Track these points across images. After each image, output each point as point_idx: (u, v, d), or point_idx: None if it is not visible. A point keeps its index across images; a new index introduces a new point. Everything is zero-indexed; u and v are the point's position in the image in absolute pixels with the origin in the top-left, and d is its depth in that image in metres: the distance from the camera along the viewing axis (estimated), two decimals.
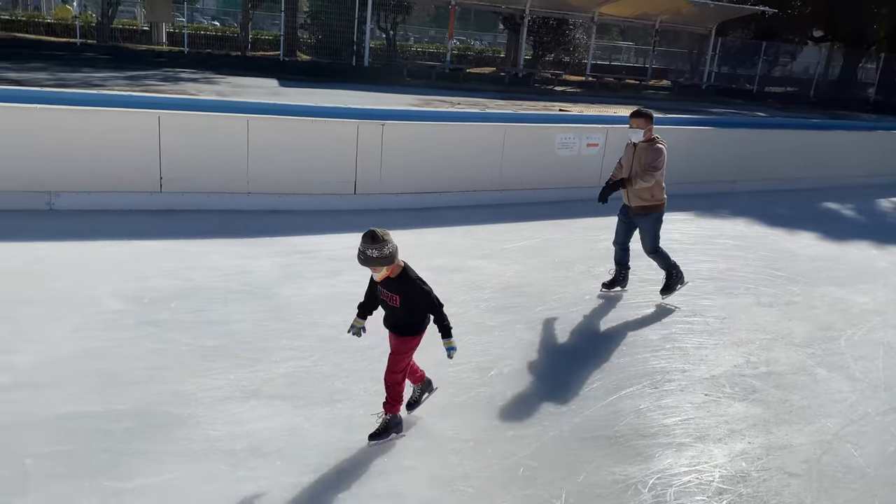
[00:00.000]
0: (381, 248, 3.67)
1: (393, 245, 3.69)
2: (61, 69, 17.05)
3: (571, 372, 5.04)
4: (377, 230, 3.71)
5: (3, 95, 8.56)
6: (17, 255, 6.23)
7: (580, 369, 5.09)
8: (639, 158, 6.08)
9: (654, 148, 6.04)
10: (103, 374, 4.34)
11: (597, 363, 5.20)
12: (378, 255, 3.67)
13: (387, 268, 3.75)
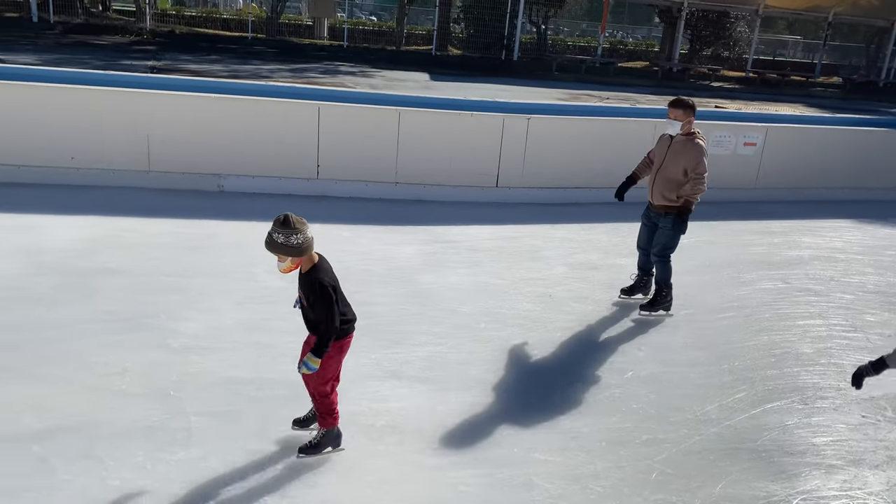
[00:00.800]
0: (288, 234, 3.33)
1: (305, 237, 3.35)
2: (234, 61, 18.44)
3: (712, 381, 4.85)
4: (293, 216, 3.40)
5: (182, 85, 9.40)
6: (191, 231, 6.85)
7: (722, 378, 4.89)
8: (674, 153, 5.44)
9: (692, 144, 5.38)
10: (259, 346, 4.71)
11: (741, 374, 4.97)
12: (283, 241, 3.33)
13: (291, 260, 3.40)
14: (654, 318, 5.77)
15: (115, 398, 3.95)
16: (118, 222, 6.80)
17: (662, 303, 5.78)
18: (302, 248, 3.35)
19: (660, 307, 5.78)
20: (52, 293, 5.21)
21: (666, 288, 5.77)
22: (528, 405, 4.37)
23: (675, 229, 5.53)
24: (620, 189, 5.86)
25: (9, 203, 7.01)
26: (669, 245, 5.64)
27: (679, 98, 5.52)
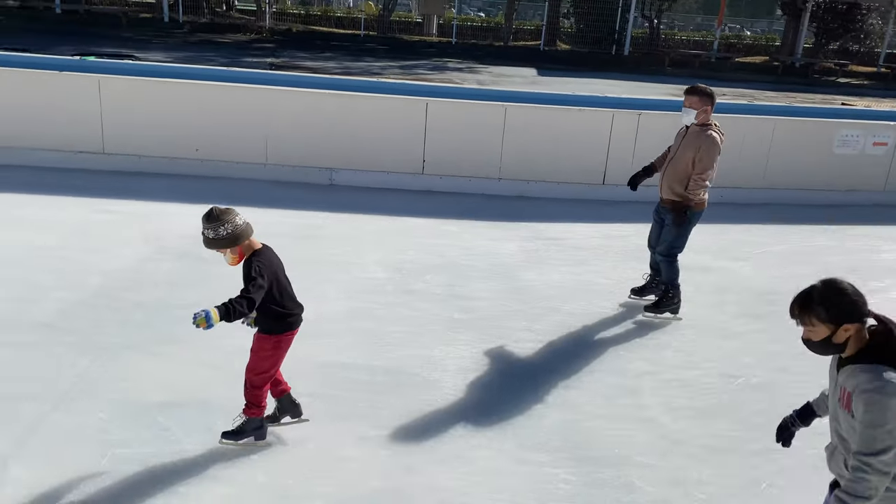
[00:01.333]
0: (216, 227, 3.23)
1: (233, 225, 3.23)
2: (347, 58, 19.00)
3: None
4: (217, 207, 3.28)
5: (298, 82, 9.78)
6: (303, 221, 7.13)
7: None
8: (686, 144, 5.11)
9: (704, 135, 5.01)
10: (365, 333, 4.86)
11: None
12: (213, 235, 3.23)
13: (230, 251, 3.28)
14: (765, 327, 5.50)
15: (232, 377, 4.16)
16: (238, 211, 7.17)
17: (669, 305, 5.45)
18: (233, 236, 3.25)
19: (666, 309, 5.46)
20: (176, 276, 5.57)
21: (672, 289, 5.42)
22: (630, 406, 4.28)
23: (680, 227, 5.20)
24: (634, 178, 5.55)
25: (138, 191, 7.54)
26: (675, 244, 5.30)
27: (695, 85, 5.18)
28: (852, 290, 2.27)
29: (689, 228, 5.25)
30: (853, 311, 2.24)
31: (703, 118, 5.04)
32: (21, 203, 6.91)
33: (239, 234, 3.26)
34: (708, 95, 5.02)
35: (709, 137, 4.99)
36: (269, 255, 3.41)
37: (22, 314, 4.71)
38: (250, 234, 3.33)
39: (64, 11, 22.14)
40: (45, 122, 8.13)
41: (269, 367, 3.53)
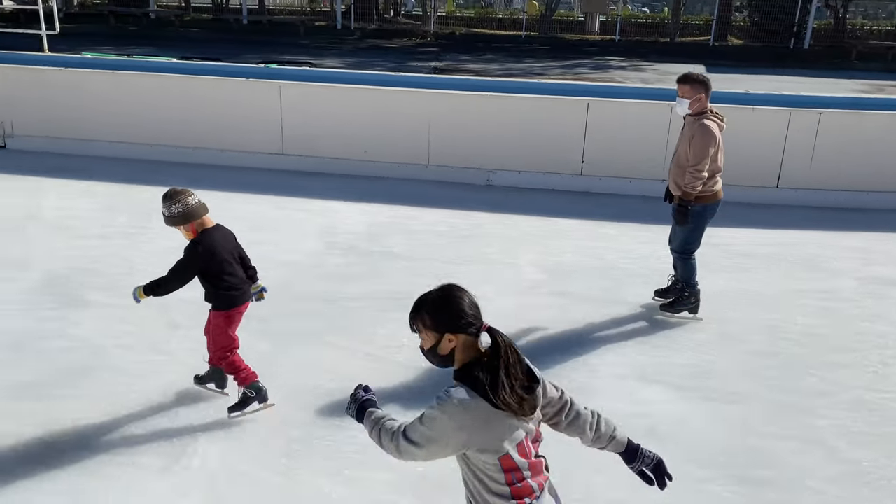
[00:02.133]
0: (169, 206, 3.53)
1: (184, 204, 3.53)
2: (508, 60, 19.15)
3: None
4: (174, 188, 3.61)
5: (459, 85, 10.01)
6: (462, 221, 7.31)
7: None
8: (684, 136, 4.85)
9: (699, 125, 4.72)
10: (521, 333, 4.90)
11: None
12: (166, 213, 3.55)
13: (184, 228, 3.59)
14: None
15: (394, 368, 4.39)
16: (401, 210, 7.50)
17: (685, 304, 5.21)
18: (183, 214, 3.54)
19: (682, 309, 5.22)
20: (345, 271, 5.92)
21: (689, 288, 5.18)
22: (801, 426, 4.01)
23: (693, 220, 4.92)
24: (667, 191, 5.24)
25: (311, 189, 8.07)
26: (689, 241, 5.06)
27: (687, 73, 4.89)
28: (466, 301, 2.15)
29: (702, 224, 5.02)
30: (457, 322, 2.09)
31: (696, 107, 4.80)
32: (216, 198, 7.62)
33: (189, 213, 3.57)
34: (700, 83, 4.77)
35: (702, 126, 4.74)
36: (215, 236, 3.68)
37: None
38: (202, 214, 3.63)
39: (250, 22, 24.08)
40: (233, 126, 8.93)
41: (228, 341, 3.81)
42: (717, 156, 4.84)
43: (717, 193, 4.96)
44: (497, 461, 2.03)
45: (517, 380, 2.06)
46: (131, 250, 6.08)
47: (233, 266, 3.76)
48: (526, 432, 2.10)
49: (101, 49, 12.13)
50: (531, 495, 2.09)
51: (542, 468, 2.17)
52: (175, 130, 9.01)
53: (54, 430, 3.68)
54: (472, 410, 2.00)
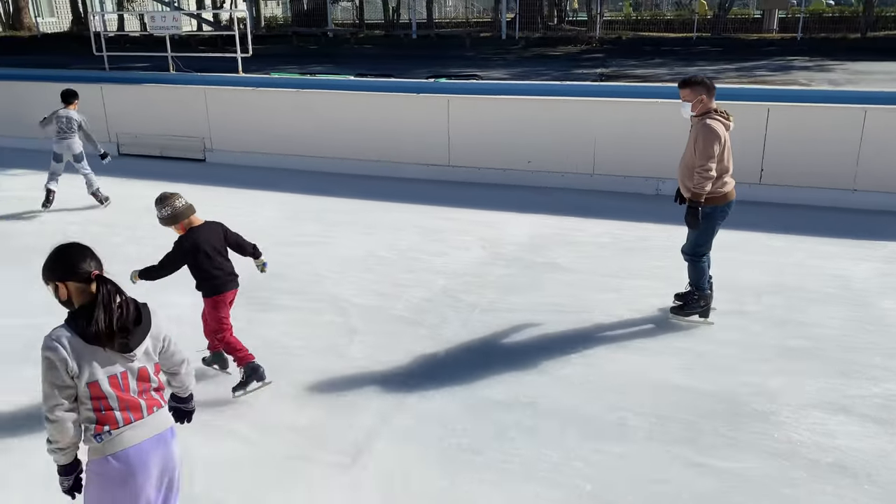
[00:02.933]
0: (160, 209, 4.11)
1: (172, 208, 4.09)
2: (678, 63, 18.45)
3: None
4: (164, 192, 4.17)
5: (624, 92, 9.79)
6: (627, 232, 7.16)
7: None
8: (691, 138, 4.87)
9: (702, 125, 4.74)
10: (693, 354, 4.72)
11: None
12: (158, 215, 4.13)
13: (174, 227, 4.15)
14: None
15: (560, 383, 4.39)
16: (565, 221, 7.48)
17: (695, 308, 5.14)
18: (172, 216, 4.13)
19: (693, 312, 5.15)
20: (507, 281, 5.99)
21: (698, 291, 5.11)
22: None
23: (702, 223, 4.88)
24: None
25: (474, 200, 8.25)
26: (698, 243, 5.02)
27: (686, 77, 4.94)
28: (74, 254, 2.52)
29: (712, 226, 4.96)
30: (63, 272, 2.48)
31: (699, 108, 4.84)
32: (389, 209, 8.04)
33: (177, 215, 4.14)
34: (699, 84, 4.81)
35: (704, 126, 4.75)
36: (200, 233, 4.20)
37: (387, 308, 5.51)
38: (189, 215, 4.18)
39: (419, 37, 25.00)
40: (404, 139, 9.36)
41: (218, 324, 4.27)
42: (724, 155, 4.81)
43: (728, 195, 4.92)
44: (86, 387, 2.40)
45: (116, 320, 2.42)
46: (316, 258, 6.53)
47: (216, 259, 4.23)
48: (127, 370, 2.47)
49: (287, 68, 13.14)
50: (113, 425, 2.43)
51: (141, 408, 2.49)
52: (353, 144, 9.59)
53: (248, 423, 4.04)
54: (67, 342, 2.37)
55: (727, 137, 4.80)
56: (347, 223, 7.58)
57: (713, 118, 4.79)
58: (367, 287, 5.88)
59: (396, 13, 32.83)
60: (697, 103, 4.84)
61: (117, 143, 10.95)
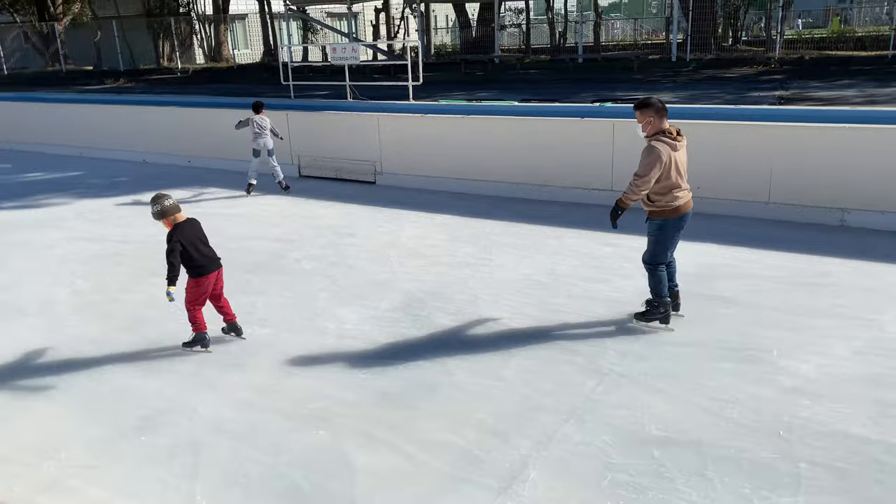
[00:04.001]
0: (152, 206, 5.10)
1: (161, 206, 5.06)
2: (870, 85, 16.93)
3: None
4: (158, 193, 5.19)
5: (806, 116, 9.11)
6: (806, 266, 6.64)
7: None
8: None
9: (648, 146, 5.03)
10: (881, 403, 4.28)
11: None
12: (151, 211, 5.11)
13: (163, 222, 5.11)
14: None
15: (725, 424, 4.15)
16: (737, 252, 7.08)
17: (656, 315, 5.45)
18: (160, 212, 5.09)
19: (654, 318, 5.47)
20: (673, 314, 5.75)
21: (658, 299, 5.40)
22: None
23: (656, 234, 5.29)
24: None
25: (638, 227, 7.91)
26: (656, 252, 5.34)
27: (638, 100, 5.18)
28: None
29: (664, 237, 5.27)
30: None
31: (649, 129, 5.09)
32: (548, 233, 8.03)
33: (164, 212, 5.10)
34: (647, 106, 5.05)
35: (648, 147, 5.03)
36: (185, 228, 5.14)
37: (543, 333, 5.49)
38: (174, 213, 5.12)
39: (585, 61, 24.85)
40: (568, 164, 9.33)
41: (194, 299, 5.23)
42: (672, 173, 5.03)
43: (679, 208, 5.16)
44: None
45: None
46: (474, 280, 6.65)
47: (201, 249, 5.18)
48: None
49: (454, 95, 13.55)
50: None
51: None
52: (516, 168, 9.71)
53: (408, 438, 4.18)
54: None
55: (674, 156, 5.03)
56: (506, 246, 7.66)
57: (659, 139, 5.04)
58: (522, 311, 5.90)
59: (563, 38, 32.88)
60: (647, 125, 5.09)
61: (298, 165, 11.82)
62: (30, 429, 4.45)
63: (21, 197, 11.06)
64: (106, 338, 5.72)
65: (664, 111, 5.08)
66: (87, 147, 14.63)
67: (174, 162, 13.22)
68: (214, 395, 4.75)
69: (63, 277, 7.17)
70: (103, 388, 4.92)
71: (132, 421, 4.45)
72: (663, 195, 5.09)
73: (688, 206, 5.23)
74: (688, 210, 5.23)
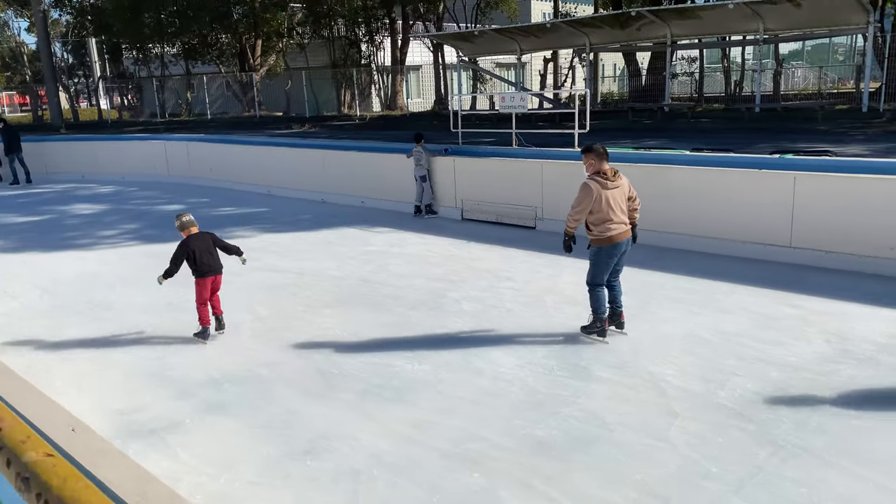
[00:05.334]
0: (176, 221, 6.70)
1: (180, 222, 6.64)
2: None
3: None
4: (180, 211, 7.03)
5: None
6: None
7: None
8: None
9: (582, 184, 5.98)
10: None
11: None
12: (176, 224, 6.70)
13: (182, 233, 6.56)
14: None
15: None
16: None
17: (593, 329, 6.24)
18: (179, 226, 6.61)
19: (592, 332, 6.24)
20: (860, 384, 5.23)
21: (596, 315, 6.18)
22: None
23: (592, 258, 6.11)
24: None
25: (818, 287, 7.45)
26: (594, 274, 6.13)
27: (583, 146, 6.16)
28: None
29: (599, 261, 6.06)
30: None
31: (590, 170, 6.01)
32: (717, 289, 7.64)
33: (181, 226, 6.61)
34: (590, 151, 6.01)
35: (582, 184, 5.96)
36: (193, 239, 6.52)
37: (710, 394, 5.19)
38: (189, 227, 6.59)
39: (762, 110, 23.64)
40: (741, 216, 8.87)
41: (198, 297, 6.56)
42: (603, 206, 5.89)
43: (612, 238, 5.95)
44: None
45: None
46: (635, 332, 6.44)
47: (203, 256, 6.47)
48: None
49: (621, 142, 13.35)
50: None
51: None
52: (684, 219, 9.38)
53: (566, 492, 4.09)
54: None
55: (605, 193, 5.90)
56: (671, 299, 7.37)
57: (593, 178, 5.97)
58: (687, 369, 5.62)
59: (738, 86, 31.52)
60: (589, 166, 6.04)
61: (461, 209, 12.15)
62: (213, 442, 4.85)
63: (214, 229, 12.23)
64: (280, 362, 6.14)
65: (605, 155, 6.02)
66: (274, 185, 15.96)
67: (349, 202, 14.06)
68: (375, 425, 4.93)
69: (246, 304, 7.80)
70: (276, 409, 5.26)
71: (299, 444, 4.72)
72: (598, 226, 5.97)
73: (621, 237, 6.00)
74: (621, 240, 6.01)
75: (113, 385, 5.82)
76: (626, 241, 6.03)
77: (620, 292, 6.32)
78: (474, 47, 25.70)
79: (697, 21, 19.84)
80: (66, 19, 37.05)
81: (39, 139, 21.48)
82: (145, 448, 4.70)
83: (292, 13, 33.97)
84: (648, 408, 5.02)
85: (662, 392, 5.26)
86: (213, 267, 6.57)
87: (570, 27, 21.73)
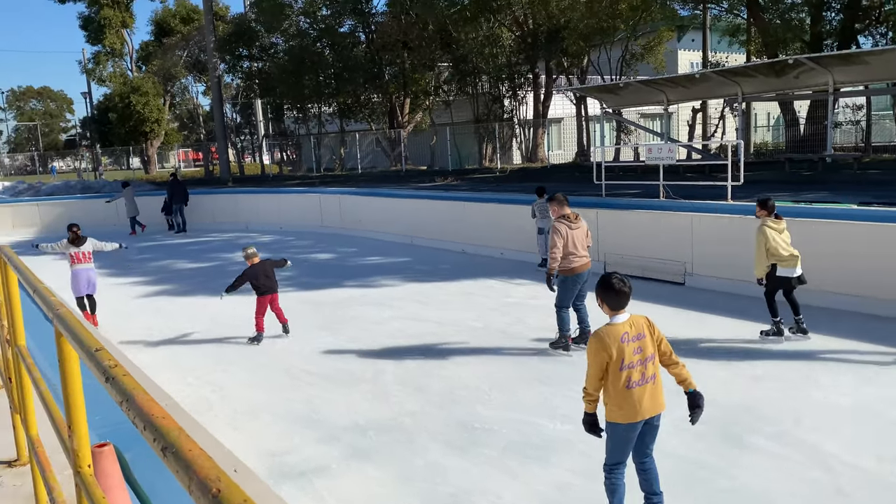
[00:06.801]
0: (242, 252, 8.75)
1: (246, 253, 8.62)
2: None
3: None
4: (247, 244, 9.19)
5: None
6: None
7: None
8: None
9: (552, 227, 7.45)
10: None
11: None
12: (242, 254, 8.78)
13: (248, 261, 8.54)
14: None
15: None
16: None
17: (559, 345, 7.54)
18: (246, 256, 8.59)
19: (559, 347, 7.53)
20: None
21: (561, 332, 7.52)
22: None
23: (560, 285, 7.46)
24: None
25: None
26: (560, 298, 7.50)
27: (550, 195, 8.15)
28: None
29: (566, 288, 7.45)
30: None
31: (555, 214, 7.56)
32: (890, 354, 6.94)
33: (247, 257, 8.53)
34: (553, 199, 7.66)
35: (552, 227, 7.46)
36: (255, 266, 8.44)
37: (886, 475, 4.66)
38: (253, 257, 8.48)
39: None
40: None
41: (258, 309, 8.39)
42: (568, 244, 7.29)
43: (575, 269, 7.35)
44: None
45: None
46: (796, 401, 5.95)
47: (261, 279, 8.35)
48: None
49: (778, 195, 12.62)
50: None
51: None
52: (855, 276, 8.66)
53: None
54: None
55: (570, 233, 7.30)
56: (834, 362, 6.77)
57: (560, 221, 7.38)
58: (860, 445, 5.09)
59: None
60: (554, 211, 7.56)
61: (604, 262, 11.90)
62: (358, 488, 4.95)
63: (362, 277, 12.75)
64: (422, 411, 6.21)
65: (565, 202, 7.55)
66: (416, 236, 16.45)
67: (489, 253, 14.20)
68: (516, 483, 4.84)
69: (389, 352, 8.00)
70: (419, 460, 5.31)
71: (442, 498, 4.71)
72: (564, 258, 7.31)
73: (582, 268, 7.40)
74: (582, 271, 7.40)
75: (265, 425, 6.12)
76: (587, 272, 7.42)
77: (587, 314, 7.57)
78: (619, 99, 25.46)
79: (864, 66, 18.54)
80: (237, 83, 40.70)
81: (209, 191, 23.59)
82: (296, 491, 4.87)
83: (439, 72, 35.36)
84: (815, 487, 4.58)
85: (831, 469, 4.80)
86: (270, 287, 8.46)
87: (720, 76, 21.02)
